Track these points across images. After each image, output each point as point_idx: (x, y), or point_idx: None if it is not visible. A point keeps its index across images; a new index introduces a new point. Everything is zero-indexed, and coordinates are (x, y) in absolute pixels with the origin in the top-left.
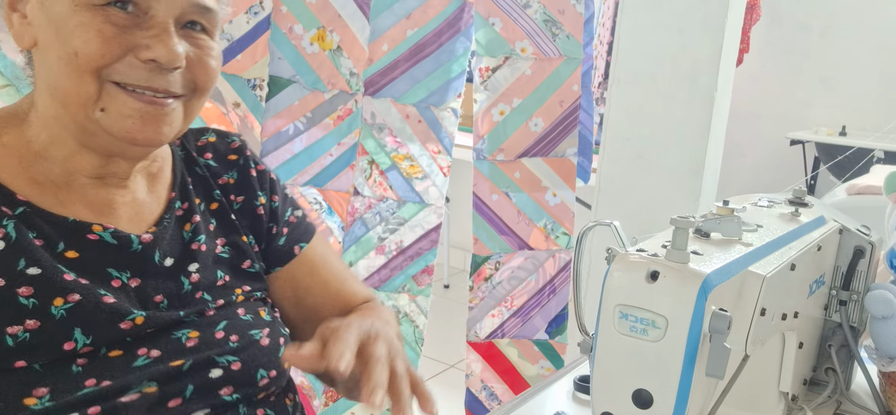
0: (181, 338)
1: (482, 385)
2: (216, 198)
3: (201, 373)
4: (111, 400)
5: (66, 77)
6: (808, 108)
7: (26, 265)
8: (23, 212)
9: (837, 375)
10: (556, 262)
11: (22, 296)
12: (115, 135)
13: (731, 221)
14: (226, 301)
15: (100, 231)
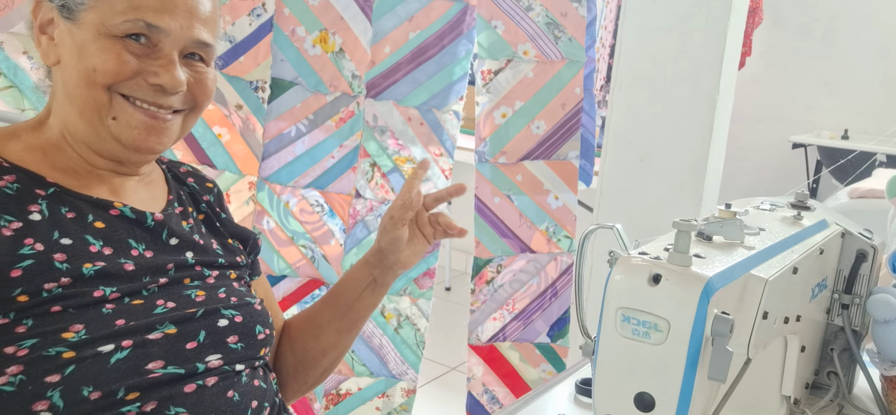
0: (191, 294)
1: (483, 388)
2: (203, 210)
3: (211, 320)
4: (139, 335)
5: (84, 88)
6: (810, 111)
7: (60, 236)
8: (54, 192)
9: (839, 378)
10: (557, 265)
11: (57, 261)
12: (123, 142)
13: (733, 225)
14: (222, 274)
15: (120, 207)
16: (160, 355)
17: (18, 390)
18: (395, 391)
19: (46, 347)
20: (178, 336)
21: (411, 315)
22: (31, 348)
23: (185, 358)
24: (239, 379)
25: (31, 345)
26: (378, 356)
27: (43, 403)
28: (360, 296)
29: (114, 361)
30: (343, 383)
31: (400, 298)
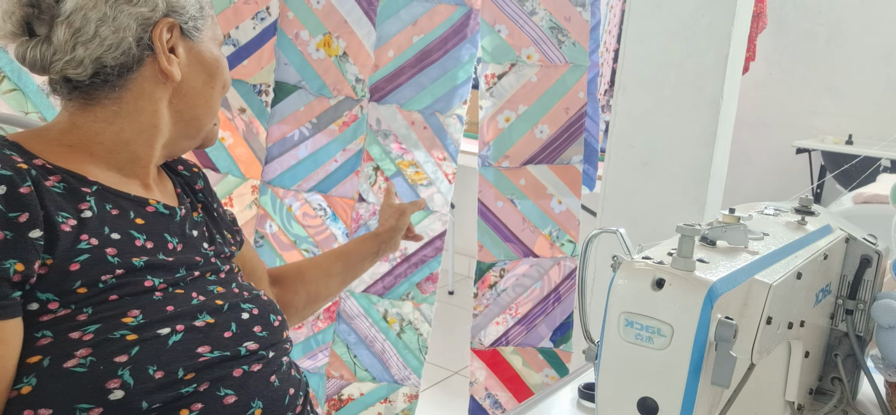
0: (213, 289)
1: (486, 393)
2: (200, 199)
3: (236, 314)
4: (188, 321)
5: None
6: (814, 116)
7: (110, 231)
8: (97, 189)
9: (843, 384)
10: (561, 269)
11: (109, 255)
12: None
13: (737, 230)
14: (231, 267)
15: (155, 203)
16: (206, 340)
17: (90, 370)
18: (398, 396)
19: (110, 331)
20: (216, 325)
21: (414, 320)
22: (95, 332)
23: (227, 344)
24: (279, 367)
25: (95, 330)
26: (380, 361)
27: (115, 381)
28: (363, 260)
29: (171, 343)
30: (345, 389)
31: (402, 303)
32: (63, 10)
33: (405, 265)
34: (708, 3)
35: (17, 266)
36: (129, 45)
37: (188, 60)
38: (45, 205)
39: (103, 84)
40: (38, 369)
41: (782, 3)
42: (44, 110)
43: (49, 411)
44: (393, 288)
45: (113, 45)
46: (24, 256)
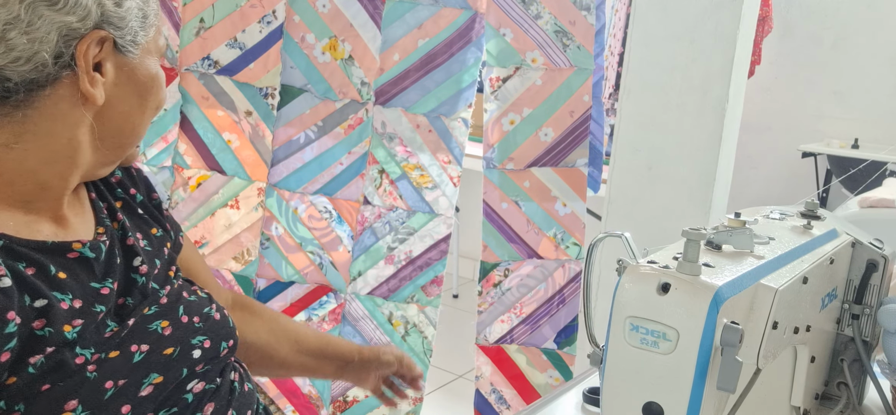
0: (157, 329)
1: (491, 388)
2: (119, 196)
3: (186, 356)
4: (131, 397)
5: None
6: (820, 120)
7: (31, 300)
8: (3, 246)
9: (850, 389)
10: (565, 272)
11: (36, 329)
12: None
13: (742, 234)
14: (170, 287)
15: (79, 248)
16: (153, 406)
17: None
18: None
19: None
20: (165, 382)
21: (419, 323)
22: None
23: (175, 399)
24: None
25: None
26: None
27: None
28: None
29: None
30: (350, 391)
31: (407, 306)
32: None
33: (410, 268)
34: (713, 7)
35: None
36: (43, 60)
37: (117, 80)
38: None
39: (2, 101)
40: None
41: (788, 7)
42: None
43: None
44: (398, 291)
45: (22, 58)
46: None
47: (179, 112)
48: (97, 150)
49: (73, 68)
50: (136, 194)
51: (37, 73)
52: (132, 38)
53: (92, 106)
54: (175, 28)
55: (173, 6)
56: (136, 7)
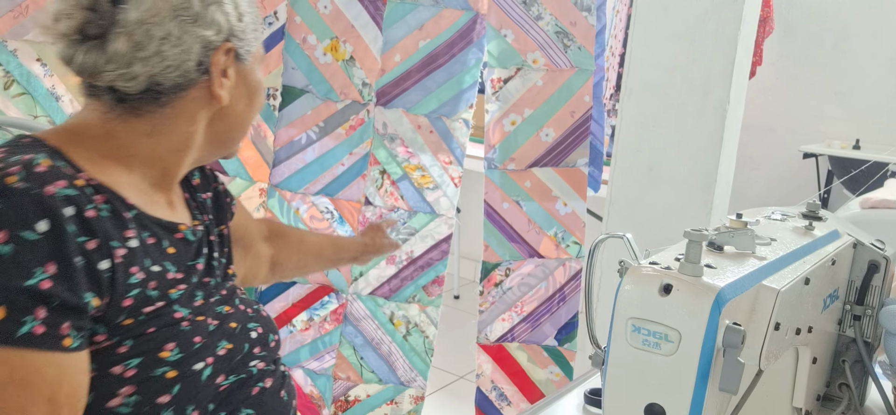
0: (222, 311)
1: (492, 385)
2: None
3: (246, 334)
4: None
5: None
6: (821, 121)
7: (150, 263)
8: (135, 215)
9: (851, 390)
10: (566, 270)
11: (150, 288)
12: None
13: (744, 235)
14: (231, 282)
15: (184, 230)
16: (225, 369)
17: (134, 410)
18: (404, 398)
19: (151, 367)
20: (233, 350)
21: (420, 322)
22: (137, 368)
23: (242, 368)
24: (283, 379)
25: (137, 364)
26: (386, 363)
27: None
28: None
29: (204, 378)
30: (352, 390)
31: (408, 306)
32: (124, 20)
33: (411, 268)
34: (714, 8)
35: (94, 300)
36: (188, 68)
37: (236, 83)
38: (105, 231)
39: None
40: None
41: (789, 8)
42: (53, 114)
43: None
44: (399, 291)
45: (172, 66)
46: (98, 290)
47: None
48: (210, 142)
49: (207, 74)
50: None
51: (182, 79)
52: (248, 48)
53: (217, 105)
54: None
55: None
56: (251, 21)
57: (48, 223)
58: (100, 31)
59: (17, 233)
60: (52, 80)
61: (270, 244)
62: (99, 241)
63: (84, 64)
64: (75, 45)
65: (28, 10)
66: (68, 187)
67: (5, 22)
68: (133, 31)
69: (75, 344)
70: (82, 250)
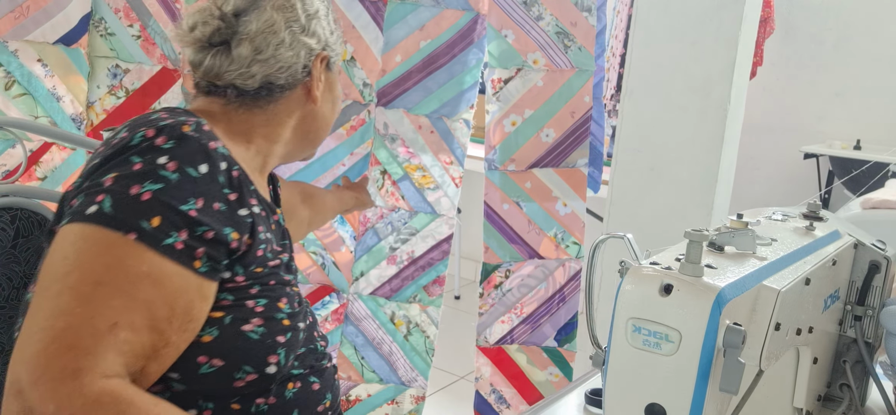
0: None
1: (491, 389)
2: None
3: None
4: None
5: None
6: (822, 121)
7: (264, 231)
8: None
9: (852, 391)
10: (565, 271)
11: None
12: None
13: (745, 235)
14: None
15: (278, 216)
16: (306, 337)
17: (261, 339)
18: (405, 398)
19: (274, 311)
20: (311, 325)
21: (421, 322)
22: (264, 307)
23: (314, 344)
24: (335, 369)
25: (264, 305)
26: (387, 363)
27: (274, 356)
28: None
29: (301, 337)
30: (353, 390)
31: (409, 306)
32: (247, 29)
33: (412, 268)
34: (715, 8)
35: (234, 235)
36: (296, 70)
37: (325, 88)
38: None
39: (263, 96)
40: (220, 324)
41: (790, 8)
42: (54, 115)
43: (221, 362)
44: (400, 291)
45: (284, 67)
46: (238, 228)
47: None
48: (296, 140)
49: (309, 76)
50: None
51: (291, 79)
52: (335, 59)
53: (311, 106)
54: None
55: (176, 7)
56: (337, 38)
57: (207, 167)
58: (225, 39)
59: (184, 167)
60: (53, 80)
61: (306, 206)
62: (238, 195)
63: (211, 66)
64: (204, 51)
65: (29, 11)
66: (223, 147)
67: (6, 22)
68: (254, 38)
69: (203, 269)
70: (226, 199)
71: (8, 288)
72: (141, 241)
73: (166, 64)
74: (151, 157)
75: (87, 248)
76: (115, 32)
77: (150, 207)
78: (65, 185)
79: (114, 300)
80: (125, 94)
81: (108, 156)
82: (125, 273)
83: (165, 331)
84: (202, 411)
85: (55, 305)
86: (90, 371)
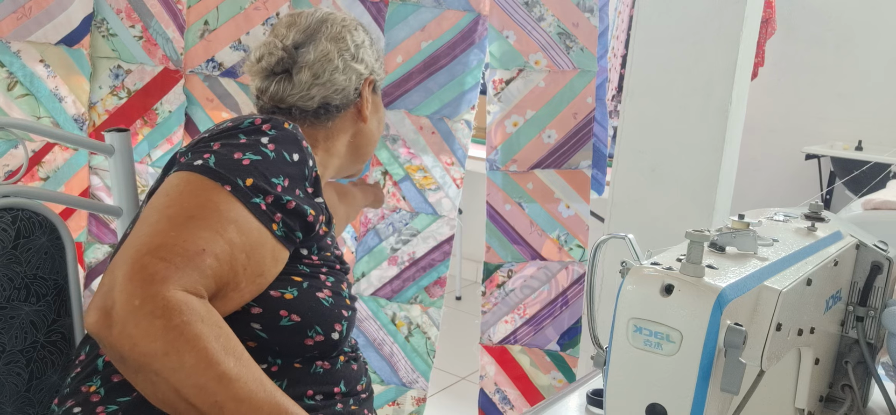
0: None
1: (495, 388)
2: None
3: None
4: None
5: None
6: (823, 122)
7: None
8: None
9: (854, 392)
10: (569, 274)
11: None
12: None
13: (746, 236)
14: None
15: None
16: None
17: (330, 307)
18: (406, 399)
19: (338, 289)
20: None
21: (422, 323)
22: (331, 284)
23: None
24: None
25: (332, 283)
26: (389, 364)
27: (339, 325)
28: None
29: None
30: None
31: (411, 307)
32: (306, 59)
33: (413, 269)
34: (717, 9)
35: (311, 211)
36: (348, 92)
37: (373, 109)
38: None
39: (320, 116)
40: (300, 287)
41: (791, 9)
42: (57, 115)
43: (298, 318)
44: (401, 292)
45: (339, 90)
46: (316, 209)
47: (184, 114)
48: (348, 155)
49: (359, 98)
50: None
51: (344, 100)
52: (380, 82)
53: (362, 124)
54: (180, 30)
55: (178, 8)
56: (381, 63)
57: (299, 157)
58: (287, 68)
59: (281, 150)
60: (56, 81)
61: (342, 203)
62: (314, 190)
63: (276, 91)
64: (269, 78)
65: (31, 12)
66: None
67: (8, 23)
68: (313, 66)
69: (279, 233)
70: (305, 190)
71: (9, 289)
72: (234, 194)
73: (168, 65)
74: (256, 137)
75: (187, 189)
76: (116, 33)
77: (247, 171)
78: (67, 185)
79: (204, 232)
80: (127, 95)
81: (218, 131)
82: (217, 214)
83: (239, 274)
84: (271, 365)
85: (154, 228)
86: (175, 282)
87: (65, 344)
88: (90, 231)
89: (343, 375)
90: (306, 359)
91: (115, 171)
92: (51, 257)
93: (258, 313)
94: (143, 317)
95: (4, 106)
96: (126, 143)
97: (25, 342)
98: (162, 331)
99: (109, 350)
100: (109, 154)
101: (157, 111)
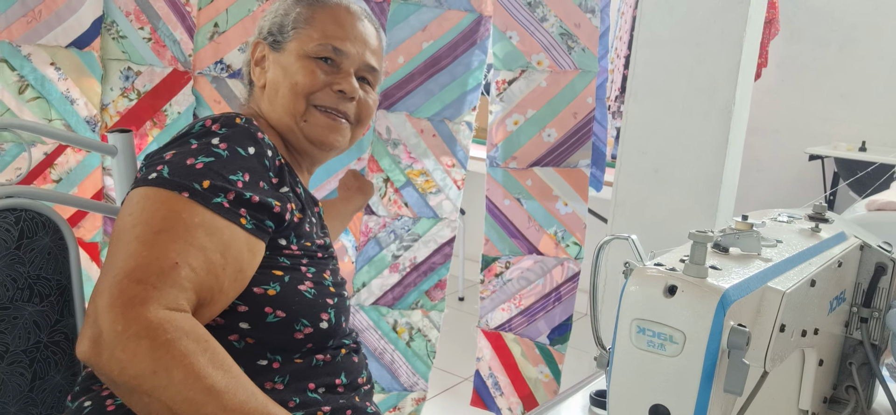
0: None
1: (489, 371)
2: None
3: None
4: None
5: (289, 98)
6: (827, 123)
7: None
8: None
9: (858, 393)
10: (564, 270)
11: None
12: (310, 138)
13: (750, 236)
14: None
15: (318, 209)
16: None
17: (313, 299)
18: (406, 402)
19: (321, 279)
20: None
21: (423, 327)
22: (313, 275)
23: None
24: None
25: (313, 274)
26: (390, 372)
27: (325, 314)
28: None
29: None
30: None
31: (411, 313)
32: None
33: (414, 274)
34: (720, 10)
35: (276, 203)
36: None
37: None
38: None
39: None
40: (281, 282)
41: (795, 10)
42: (68, 118)
43: (283, 314)
44: (402, 298)
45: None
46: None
47: (193, 115)
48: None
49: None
50: None
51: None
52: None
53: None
54: (189, 32)
55: (187, 10)
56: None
57: (254, 149)
58: None
59: (234, 147)
60: (67, 83)
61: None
62: (279, 179)
63: None
64: None
65: (41, 15)
66: (269, 140)
67: (19, 27)
68: None
69: (249, 226)
70: (269, 181)
71: (12, 289)
72: (193, 199)
73: (177, 66)
74: (207, 139)
75: (148, 205)
76: (126, 35)
77: (202, 174)
78: (81, 187)
79: (174, 244)
80: (137, 96)
81: (171, 140)
82: (182, 223)
83: (219, 276)
84: (272, 362)
85: (126, 251)
86: (155, 301)
87: (68, 344)
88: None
89: (344, 367)
90: (304, 353)
91: (118, 171)
92: (54, 258)
93: (244, 311)
94: (129, 340)
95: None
96: (129, 143)
97: (29, 342)
98: (148, 351)
99: (102, 376)
100: (112, 155)
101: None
